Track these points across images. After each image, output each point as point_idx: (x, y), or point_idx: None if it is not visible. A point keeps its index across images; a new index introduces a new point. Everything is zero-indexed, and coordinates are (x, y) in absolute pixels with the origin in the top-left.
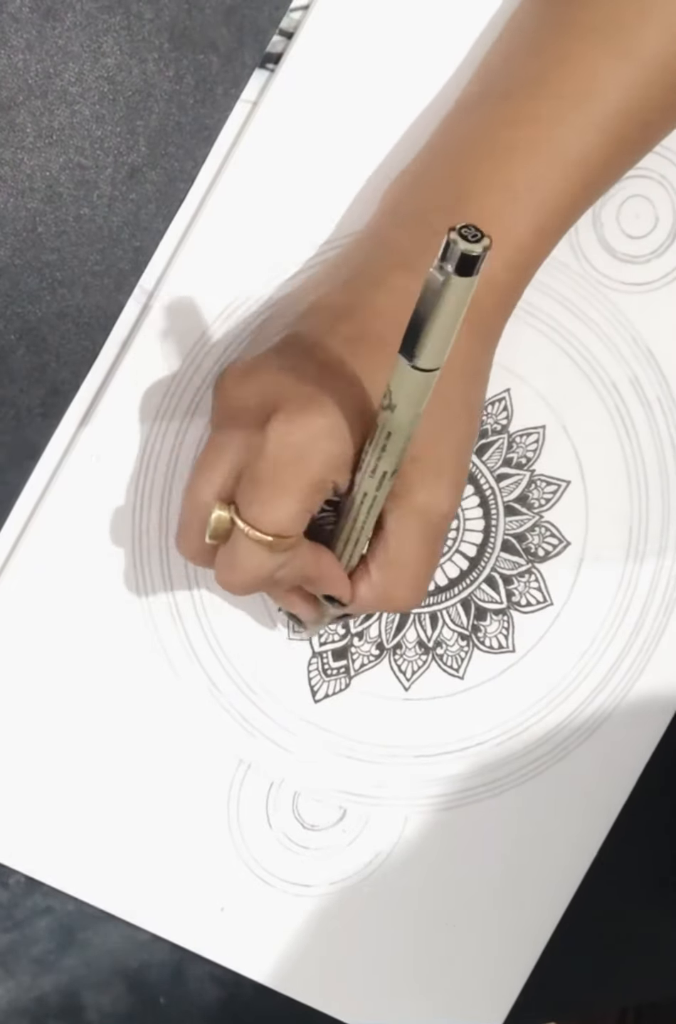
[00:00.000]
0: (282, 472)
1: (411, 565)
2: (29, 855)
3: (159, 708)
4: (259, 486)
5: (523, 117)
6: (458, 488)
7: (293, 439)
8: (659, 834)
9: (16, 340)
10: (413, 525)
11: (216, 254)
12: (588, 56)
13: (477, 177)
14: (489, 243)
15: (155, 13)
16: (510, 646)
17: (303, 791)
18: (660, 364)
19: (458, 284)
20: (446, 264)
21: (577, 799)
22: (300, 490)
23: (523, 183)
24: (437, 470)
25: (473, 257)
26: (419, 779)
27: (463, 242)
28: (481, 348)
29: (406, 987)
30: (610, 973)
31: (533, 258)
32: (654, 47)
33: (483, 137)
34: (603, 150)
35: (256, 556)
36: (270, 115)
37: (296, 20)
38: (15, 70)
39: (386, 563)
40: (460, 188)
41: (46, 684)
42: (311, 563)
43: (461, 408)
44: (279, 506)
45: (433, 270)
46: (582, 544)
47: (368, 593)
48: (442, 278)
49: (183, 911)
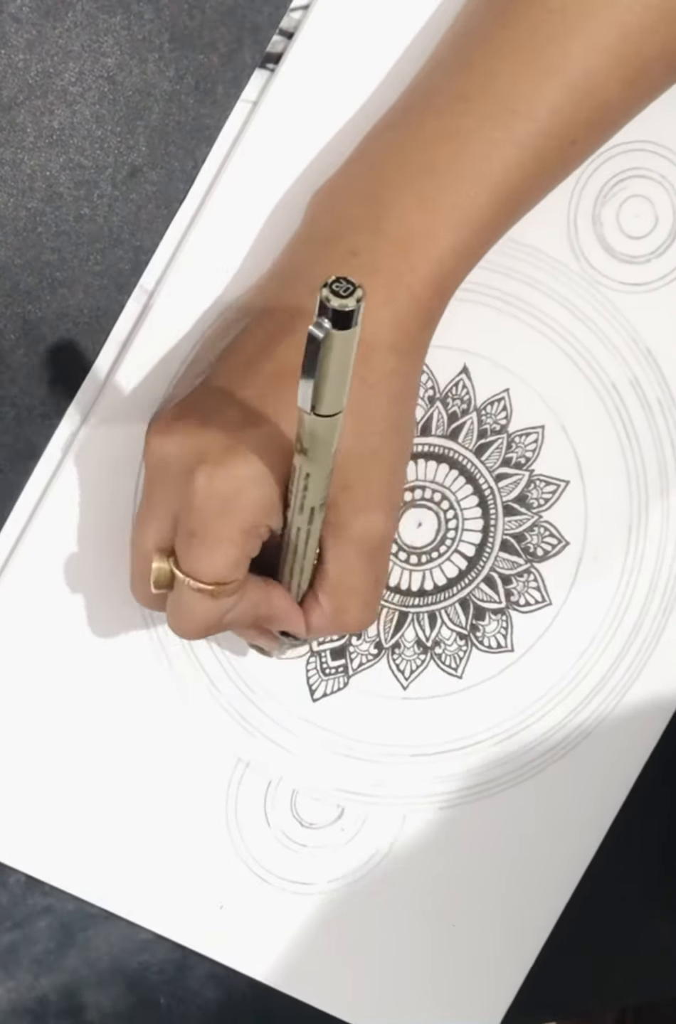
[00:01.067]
0: (212, 523)
1: (358, 587)
2: (29, 854)
3: (158, 707)
4: (192, 538)
5: (446, 134)
6: (392, 509)
7: (218, 490)
8: (658, 833)
9: (16, 340)
10: (351, 553)
11: (216, 254)
12: (514, 73)
13: (394, 195)
14: (362, 295)
15: (155, 13)
16: (509, 646)
17: (301, 789)
18: (660, 365)
19: (338, 338)
20: (323, 320)
21: (576, 798)
22: (232, 539)
23: (441, 200)
24: (369, 497)
25: (347, 312)
26: (417, 778)
27: (335, 299)
28: (407, 368)
29: (404, 985)
30: (608, 972)
31: (455, 275)
32: (580, 65)
33: (404, 153)
34: (527, 167)
35: (200, 604)
36: (270, 115)
37: (296, 20)
38: (15, 70)
39: (331, 589)
40: (377, 206)
41: (46, 683)
42: (262, 601)
43: (390, 430)
44: (214, 556)
45: (312, 328)
46: (581, 544)
47: (320, 621)
48: (321, 335)
49: (182, 909)
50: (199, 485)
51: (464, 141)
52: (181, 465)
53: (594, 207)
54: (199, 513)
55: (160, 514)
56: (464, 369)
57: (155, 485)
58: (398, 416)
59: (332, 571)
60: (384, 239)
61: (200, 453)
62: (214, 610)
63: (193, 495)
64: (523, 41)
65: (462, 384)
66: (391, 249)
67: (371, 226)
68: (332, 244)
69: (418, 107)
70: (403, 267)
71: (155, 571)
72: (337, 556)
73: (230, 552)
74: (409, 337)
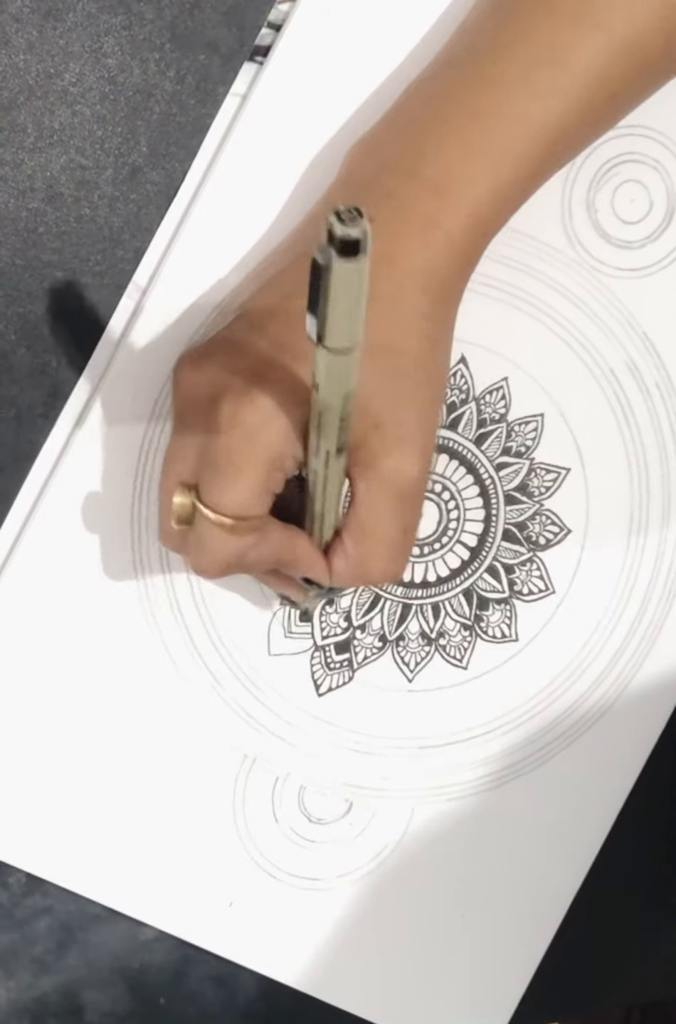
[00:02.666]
0: (236, 454)
1: (385, 534)
2: (32, 853)
3: (162, 705)
4: (216, 470)
5: (485, 82)
6: (424, 454)
7: (242, 420)
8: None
9: (16, 340)
10: (381, 493)
11: (208, 249)
12: (556, 27)
13: (434, 139)
14: (368, 225)
15: (156, 13)
16: (513, 635)
17: (309, 785)
18: (657, 349)
19: (342, 267)
20: (329, 247)
21: (582, 787)
22: (255, 470)
23: (481, 146)
24: (400, 437)
25: (352, 241)
26: (425, 771)
27: (340, 226)
28: (440, 312)
29: (414, 979)
30: (612, 972)
31: (491, 222)
32: (623, 20)
33: (443, 101)
34: (566, 119)
35: (220, 539)
36: (260, 108)
37: (284, 12)
38: (16, 70)
39: (359, 534)
40: (416, 150)
41: (48, 682)
42: (285, 547)
43: (421, 374)
44: (236, 488)
45: (316, 254)
46: (583, 531)
47: (345, 566)
48: (323, 261)
49: (191, 907)
50: (224, 413)
51: (506, 88)
52: (208, 396)
53: (588, 193)
54: (223, 442)
55: (187, 448)
56: (462, 359)
57: (183, 418)
58: (431, 360)
59: (360, 513)
60: (421, 183)
61: (226, 385)
62: (232, 546)
63: (218, 424)
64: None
65: (460, 374)
66: (427, 192)
67: (409, 170)
68: (369, 187)
69: (460, 58)
70: (440, 211)
71: (177, 505)
72: (366, 499)
73: (251, 485)
74: (443, 281)
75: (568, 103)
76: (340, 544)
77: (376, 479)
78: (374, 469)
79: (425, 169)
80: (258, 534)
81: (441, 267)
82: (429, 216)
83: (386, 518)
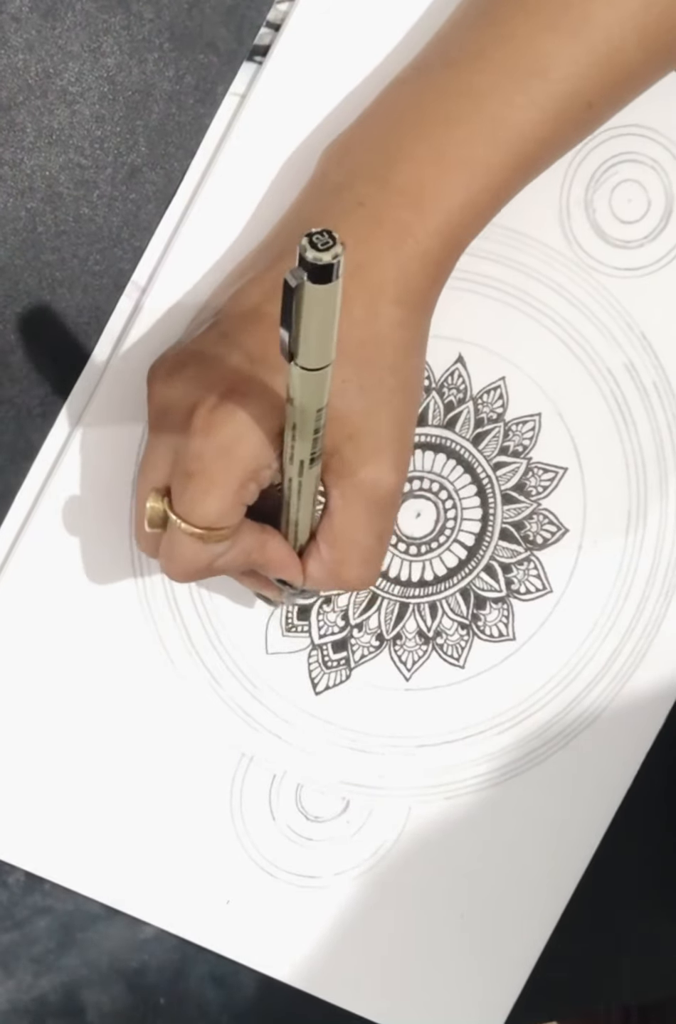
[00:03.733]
0: (209, 466)
1: (360, 541)
2: (32, 852)
3: (160, 703)
4: (188, 480)
5: (459, 89)
6: (400, 462)
7: (216, 433)
8: (660, 830)
9: (16, 340)
10: (356, 502)
11: (207, 248)
12: (534, 34)
13: (407, 147)
14: (340, 251)
15: (155, 13)
16: (510, 634)
17: (306, 783)
18: (655, 349)
19: (314, 291)
20: (300, 271)
21: (580, 786)
22: (228, 483)
23: (454, 156)
24: (375, 446)
25: (322, 266)
26: (422, 769)
27: (311, 250)
28: (414, 320)
29: (411, 976)
30: (609, 972)
31: (464, 230)
32: (601, 29)
33: (416, 107)
34: (542, 128)
35: (190, 547)
36: (259, 108)
37: (283, 12)
38: (15, 70)
39: (334, 540)
40: (388, 157)
41: (47, 681)
42: (256, 548)
43: (396, 383)
44: (208, 500)
45: (287, 275)
46: (580, 531)
47: (319, 570)
48: (294, 284)
49: (189, 905)
50: (197, 426)
51: (480, 97)
52: (182, 408)
53: (586, 192)
54: (196, 455)
55: (161, 456)
56: (459, 358)
57: (157, 428)
58: (406, 369)
59: (335, 520)
60: (393, 190)
61: (199, 396)
62: (203, 554)
63: (192, 436)
64: (544, 3)
65: (458, 373)
66: (399, 200)
67: (380, 177)
68: (340, 194)
69: (435, 63)
70: (411, 219)
71: (149, 510)
72: (341, 505)
73: (223, 498)
74: (416, 290)
75: (544, 113)
76: (315, 548)
77: (351, 488)
78: (349, 478)
79: (397, 177)
80: (230, 542)
81: (414, 276)
82: (401, 225)
83: (361, 526)
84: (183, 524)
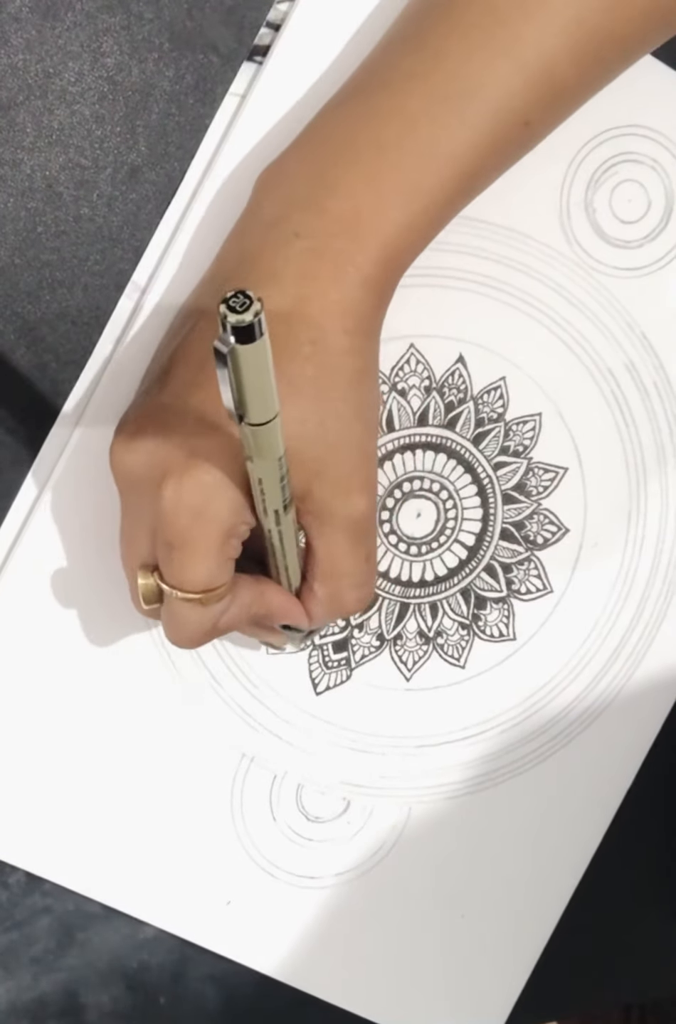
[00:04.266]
0: (187, 534)
1: (348, 569)
2: (32, 852)
3: (161, 703)
4: (171, 551)
5: (394, 112)
6: (369, 485)
7: (187, 501)
8: (660, 829)
9: (16, 340)
10: (336, 536)
11: (207, 248)
12: (465, 54)
13: (341, 173)
14: (260, 308)
15: (155, 13)
16: (511, 634)
17: (306, 784)
18: (655, 349)
19: (245, 352)
20: (227, 336)
21: (580, 786)
22: (209, 546)
23: (389, 180)
24: (342, 480)
25: (246, 327)
26: (422, 769)
27: (232, 315)
28: (362, 346)
29: (412, 978)
30: (610, 970)
31: (404, 254)
32: (534, 46)
33: (351, 132)
34: (477, 148)
35: (192, 613)
36: (259, 108)
37: (283, 12)
38: (15, 70)
39: (323, 576)
40: (324, 185)
41: (47, 682)
42: (255, 600)
43: (352, 411)
44: (195, 566)
45: (216, 343)
46: (581, 531)
47: (318, 609)
48: (226, 350)
49: (189, 906)
50: (167, 499)
51: (412, 119)
52: (148, 480)
53: (586, 193)
54: (172, 526)
55: (139, 529)
56: (460, 358)
57: (127, 502)
58: (359, 395)
59: (320, 558)
60: (329, 219)
61: (164, 466)
62: (206, 617)
63: (163, 510)
64: (476, 22)
65: (458, 373)
66: (337, 229)
67: (316, 206)
68: (277, 226)
69: (368, 86)
70: (350, 247)
71: (141, 587)
72: (323, 543)
73: (209, 560)
74: (361, 317)
75: (478, 133)
76: (308, 588)
77: (328, 525)
78: (324, 516)
79: (333, 205)
80: (228, 598)
81: (358, 303)
82: (341, 254)
83: (346, 556)
84: (179, 593)
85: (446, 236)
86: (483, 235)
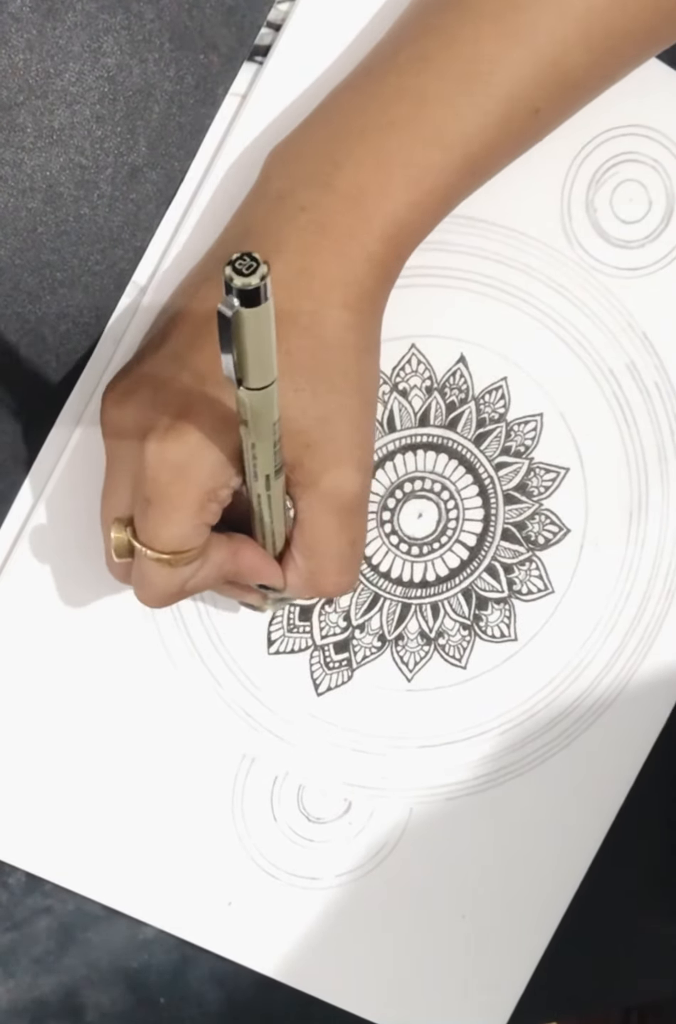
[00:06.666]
0: (166, 491)
1: (333, 550)
2: (32, 852)
3: (161, 704)
4: (147, 507)
5: (404, 92)
6: (362, 466)
7: (169, 458)
8: (661, 830)
9: (16, 340)
10: (323, 511)
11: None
12: (479, 38)
13: (350, 151)
14: (266, 271)
15: (156, 13)
16: (512, 635)
17: (308, 784)
18: (657, 350)
19: (248, 315)
20: (231, 299)
21: (582, 786)
22: (187, 506)
23: (397, 160)
24: (335, 453)
25: (252, 290)
26: (424, 770)
27: (238, 277)
28: (363, 322)
29: (412, 979)
30: (610, 972)
31: (410, 233)
32: (547, 34)
33: (360, 111)
34: (486, 133)
35: (159, 573)
36: (259, 108)
37: (284, 12)
38: (15, 70)
39: (307, 550)
40: (332, 162)
41: (47, 682)
42: (228, 559)
43: (349, 386)
44: (170, 525)
45: (220, 306)
46: (582, 531)
47: (296, 579)
48: (230, 313)
49: (190, 906)
50: (150, 453)
51: (422, 100)
52: (135, 436)
53: (587, 193)
54: (152, 481)
55: (120, 484)
56: (461, 358)
57: (113, 456)
58: (358, 371)
59: (305, 531)
60: (335, 195)
61: (152, 422)
62: (174, 578)
63: (146, 464)
64: (490, 8)
65: (460, 373)
66: (342, 205)
67: (323, 182)
68: (283, 200)
69: (379, 68)
70: (355, 223)
71: (114, 540)
72: (309, 516)
73: (186, 520)
74: (363, 294)
75: (488, 118)
76: (290, 557)
77: (316, 498)
78: (313, 488)
79: (340, 182)
80: (199, 561)
81: (361, 279)
82: (345, 229)
83: (331, 534)
84: (149, 552)
85: (447, 236)
86: (485, 235)
